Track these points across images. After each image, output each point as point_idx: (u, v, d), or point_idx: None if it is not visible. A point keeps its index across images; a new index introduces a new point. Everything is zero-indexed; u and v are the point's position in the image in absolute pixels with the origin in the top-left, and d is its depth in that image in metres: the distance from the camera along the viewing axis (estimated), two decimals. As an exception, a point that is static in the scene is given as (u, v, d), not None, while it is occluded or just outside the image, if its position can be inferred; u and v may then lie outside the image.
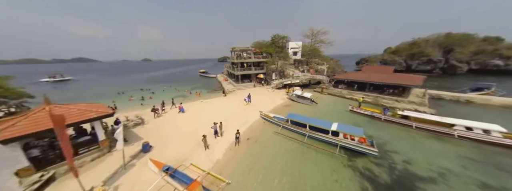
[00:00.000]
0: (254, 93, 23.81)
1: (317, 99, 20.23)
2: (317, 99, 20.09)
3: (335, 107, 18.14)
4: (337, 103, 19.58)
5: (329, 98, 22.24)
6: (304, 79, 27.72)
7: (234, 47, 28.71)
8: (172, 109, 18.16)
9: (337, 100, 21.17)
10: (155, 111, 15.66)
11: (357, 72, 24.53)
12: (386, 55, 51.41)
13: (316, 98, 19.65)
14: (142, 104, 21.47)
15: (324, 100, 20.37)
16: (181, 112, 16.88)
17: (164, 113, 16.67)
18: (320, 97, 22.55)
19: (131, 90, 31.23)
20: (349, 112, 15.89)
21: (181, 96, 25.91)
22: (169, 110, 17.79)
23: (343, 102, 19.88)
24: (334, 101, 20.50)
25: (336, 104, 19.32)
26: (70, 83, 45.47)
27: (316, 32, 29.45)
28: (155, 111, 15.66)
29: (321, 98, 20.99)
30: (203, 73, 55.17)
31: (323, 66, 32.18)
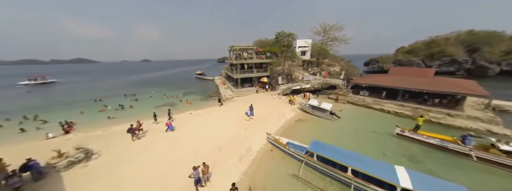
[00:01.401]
0: (257, 101, 19.35)
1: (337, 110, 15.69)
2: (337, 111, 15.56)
3: (367, 123, 13.57)
4: (365, 117, 15.03)
5: (350, 108, 17.70)
6: (315, 84, 23.23)
7: (232, 45, 24.32)
8: (158, 123, 13.72)
9: (363, 111, 16.62)
10: (133, 131, 11.16)
11: (384, 76, 20.03)
12: (400, 55, 46.91)
13: (340, 111, 15.09)
14: (110, 117, 16.68)
15: (347, 112, 15.86)
16: (169, 130, 12.49)
17: (143, 135, 12.09)
18: (336, 106, 18.05)
19: (112, 96, 26.80)
20: (397, 136, 10.95)
21: (168, 104, 21.42)
22: (153, 126, 13.35)
23: (371, 115, 15.39)
24: (360, 113, 15.95)
25: (364, 118, 14.77)
26: (51, 86, 41.12)
27: (328, 28, 25.08)
28: (133, 131, 11.16)
29: (339, 108, 16.39)
30: (199, 75, 50.76)
31: (336, 68, 27.72)
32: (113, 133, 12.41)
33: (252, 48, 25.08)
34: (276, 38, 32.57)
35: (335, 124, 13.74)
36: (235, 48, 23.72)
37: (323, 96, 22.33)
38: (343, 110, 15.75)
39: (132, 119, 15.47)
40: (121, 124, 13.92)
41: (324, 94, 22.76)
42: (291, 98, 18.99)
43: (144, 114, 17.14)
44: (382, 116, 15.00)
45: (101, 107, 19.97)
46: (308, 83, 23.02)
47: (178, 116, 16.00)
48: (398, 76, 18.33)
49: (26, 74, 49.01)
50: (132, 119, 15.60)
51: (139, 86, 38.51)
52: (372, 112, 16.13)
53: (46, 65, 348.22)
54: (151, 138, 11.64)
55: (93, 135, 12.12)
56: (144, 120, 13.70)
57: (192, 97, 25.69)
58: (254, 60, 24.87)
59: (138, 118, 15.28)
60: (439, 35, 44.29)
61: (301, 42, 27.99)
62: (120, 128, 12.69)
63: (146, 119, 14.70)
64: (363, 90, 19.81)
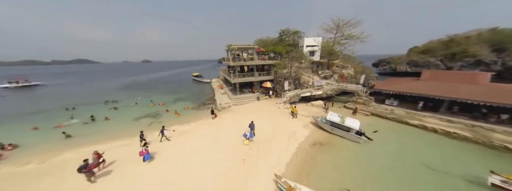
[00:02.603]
0: (259, 112, 15.69)
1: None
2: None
3: (414, 150, 9.79)
4: (404, 137, 11.24)
5: (376, 122, 13.92)
6: (329, 90, 19.50)
7: (230, 44, 20.70)
8: (146, 146, 10.10)
9: (395, 128, 12.81)
10: (88, 170, 7.36)
11: (414, 81, 16.28)
12: (414, 55, 43.07)
13: (375, 132, 11.31)
14: (70, 135, 12.75)
15: (375, 129, 12.12)
16: (146, 161, 8.87)
17: (105, 170, 8.38)
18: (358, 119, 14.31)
19: (90, 103, 23.19)
20: (491, 188, 6.74)
21: (151, 115, 17.76)
22: (131, 151, 9.70)
23: (411, 134, 11.62)
24: (395, 132, 12.14)
25: (404, 139, 10.97)
26: (31, 90, 37.69)
27: (342, 24, 21.38)
28: (88, 170, 7.36)
29: (360, 120, 12.58)
30: (196, 78, 47.17)
31: (349, 70, 23.95)
32: (56, 166, 8.76)
33: (253, 48, 21.44)
34: (280, 37, 28.99)
35: (368, 150, 9.98)
36: (233, 47, 20.10)
37: (338, 104, 18.58)
38: (369, 125, 12.00)
39: (100, 138, 11.88)
40: (78, 148, 10.33)
41: (338, 102, 19.01)
42: (293, 109, 15.09)
43: (119, 130, 13.54)
44: (428, 137, 11.20)
45: (66, 120, 16.15)
46: (320, 89, 19.29)
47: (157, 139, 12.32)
48: (436, 82, 14.55)
49: (6, 77, 45.54)
50: (99, 138, 12.02)
51: (128, 90, 34.94)
52: (409, 130, 12.34)
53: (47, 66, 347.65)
54: (116, 178, 7.92)
55: (24, 171, 8.46)
56: (118, 140, 10.12)
57: (183, 104, 22.04)
58: (256, 61, 21.22)
59: (109, 136, 11.69)
60: (458, 34, 40.39)
61: (309, 40, 24.28)
62: (72, 157, 9.10)
63: (121, 137, 11.12)
64: (389, 98, 16.04)
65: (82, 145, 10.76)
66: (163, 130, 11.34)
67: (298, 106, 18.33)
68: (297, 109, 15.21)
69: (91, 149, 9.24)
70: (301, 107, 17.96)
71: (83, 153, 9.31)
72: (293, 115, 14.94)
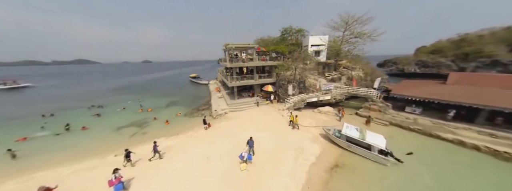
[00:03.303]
0: (260, 121, 13.55)
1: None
2: None
3: (460, 179, 7.62)
4: (441, 157, 9.04)
5: (398, 134, 11.74)
6: (338, 95, 17.32)
7: (227, 43, 18.57)
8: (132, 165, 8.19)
9: (426, 142, 10.62)
10: None
11: (439, 85, 14.10)
12: (422, 55, 40.82)
13: (409, 154, 9.12)
14: (15, 154, 10.15)
15: (398, 143, 9.95)
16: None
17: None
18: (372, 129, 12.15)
19: (72, 108, 21.05)
20: None
21: (137, 123, 15.62)
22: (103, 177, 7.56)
23: (445, 151, 9.44)
24: (427, 149, 9.93)
25: (443, 161, 8.77)
26: (18, 92, 35.74)
27: (352, 21, 19.25)
28: None
29: (375, 130, 10.34)
30: (193, 79, 45.06)
31: (358, 72, 21.77)
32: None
33: (253, 47, 19.31)
34: (282, 36, 26.87)
35: (399, 176, 7.80)
36: (230, 47, 17.97)
37: (348, 110, 16.40)
38: (388, 137, 9.80)
39: (64, 156, 9.80)
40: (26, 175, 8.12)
41: (347, 108, 16.84)
42: (293, 118, 12.65)
43: (93, 145, 11.45)
44: (470, 157, 8.99)
45: (35, 130, 13.81)
46: (328, 94, 17.12)
47: (140, 148, 10.15)
48: (468, 86, 12.36)
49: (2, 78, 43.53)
50: (64, 156, 9.93)
51: (120, 92, 32.84)
52: (443, 145, 10.13)
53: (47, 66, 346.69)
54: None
55: None
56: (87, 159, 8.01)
57: (175, 110, 19.92)
58: (256, 62, 19.07)
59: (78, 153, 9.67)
60: (469, 33, 38.19)
61: (314, 39, 22.13)
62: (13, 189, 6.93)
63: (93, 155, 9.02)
64: (410, 105, 13.85)
65: (35, 169, 8.58)
66: (156, 146, 9.19)
67: (303, 112, 16.23)
68: (298, 119, 12.70)
69: (45, 174, 7.14)
70: (306, 114, 15.83)
71: (30, 182, 7.17)
72: (294, 125, 12.59)
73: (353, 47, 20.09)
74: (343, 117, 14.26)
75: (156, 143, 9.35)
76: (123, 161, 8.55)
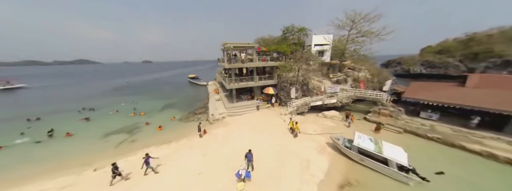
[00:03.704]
0: (260, 128, 12.34)
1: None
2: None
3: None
4: (470, 173, 7.77)
5: (414, 143, 10.50)
6: (344, 98, 16.07)
7: (225, 42, 17.39)
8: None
9: (449, 154, 9.35)
10: None
11: (457, 88, 12.80)
12: (428, 55, 39.50)
13: (439, 174, 7.84)
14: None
15: (414, 153, 8.70)
16: None
17: None
18: (383, 137, 10.92)
19: (62, 111, 19.91)
20: None
21: (127, 129, 14.44)
22: None
23: (476, 165, 8.18)
24: (452, 163, 8.67)
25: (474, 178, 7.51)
26: (9, 93, 34.68)
27: (359, 19, 18.02)
28: None
29: (395, 142, 9.09)
30: (192, 80, 43.91)
31: (364, 73, 20.50)
32: None
33: (253, 47, 18.10)
34: (284, 35, 25.65)
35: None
36: (229, 46, 16.78)
37: (355, 115, 15.10)
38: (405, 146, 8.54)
39: (36, 170, 8.73)
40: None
41: (355, 112, 15.56)
42: (293, 125, 11.43)
43: (74, 155, 10.35)
44: (504, 173, 7.75)
45: (13, 137, 12.57)
46: (333, 97, 15.88)
47: (124, 160, 8.97)
48: (493, 90, 11.07)
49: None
50: (36, 170, 8.82)
51: (115, 94, 31.73)
52: (469, 158, 8.88)
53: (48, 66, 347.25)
54: None
55: None
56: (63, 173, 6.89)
57: (170, 113, 18.75)
58: (256, 63, 17.86)
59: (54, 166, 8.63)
60: (477, 32, 36.83)
61: (318, 38, 20.91)
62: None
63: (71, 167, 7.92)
64: (425, 110, 12.59)
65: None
66: (148, 159, 7.98)
67: (307, 117, 15.00)
68: (299, 126, 11.37)
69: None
70: (310, 119, 14.61)
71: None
72: (294, 133, 11.32)
73: (360, 47, 18.83)
74: (352, 123, 12.99)
75: (148, 155, 8.11)
76: (111, 179, 7.25)
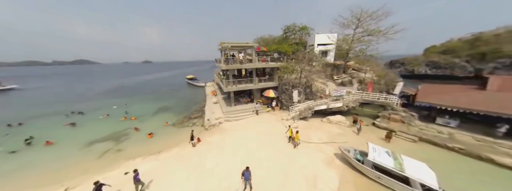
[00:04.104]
0: (259, 137, 11.16)
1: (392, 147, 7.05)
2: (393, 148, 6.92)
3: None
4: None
5: (433, 154, 9.34)
6: (351, 102, 14.89)
7: (222, 42, 16.24)
8: None
9: (474, 167, 8.19)
10: None
11: (476, 91, 11.64)
12: (433, 56, 38.41)
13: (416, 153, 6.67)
14: None
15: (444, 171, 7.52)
16: None
17: None
18: (395, 147, 9.76)
19: (49, 116, 18.67)
20: None
21: (115, 136, 13.23)
22: None
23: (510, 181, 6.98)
24: (477, 178, 7.50)
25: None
26: (6, 94, 33.62)
27: (365, 17, 16.89)
28: None
29: (409, 152, 7.88)
30: (190, 81, 42.72)
31: (370, 75, 19.36)
32: None
33: (252, 46, 16.95)
34: (284, 34, 24.51)
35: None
36: (226, 46, 15.62)
37: (364, 120, 13.94)
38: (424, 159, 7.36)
39: None
40: None
41: (362, 117, 14.38)
42: (292, 134, 10.19)
43: (50, 169, 9.21)
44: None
45: None
46: (339, 101, 14.72)
47: (103, 176, 7.78)
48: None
49: None
50: None
51: (109, 95, 30.50)
52: (501, 174, 7.71)
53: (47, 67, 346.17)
54: None
55: None
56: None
57: (164, 117, 17.57)
58: (255, 64, 16.69)
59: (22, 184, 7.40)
60: (484, 31, 35.75)
61: (322, 38, 19.77)
62: None
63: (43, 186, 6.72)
64: (443, 116, 11.43)
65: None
66: (137, 176, 6.84)
67: (310, 122, 13.84)
68: (299, 135, 9.90)
69: None
70: (315, 124, 13.44)
71: None
72: (294, 142, 10.04)
73: (366, 47, 17.67)
74: (361, 130, 11.80)
75: (137, 172, 6.91)
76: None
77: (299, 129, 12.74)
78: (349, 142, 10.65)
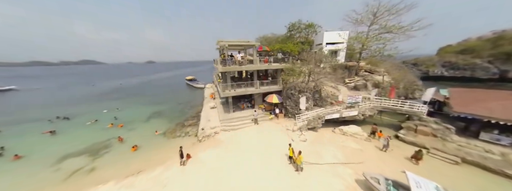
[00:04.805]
0: (260, 154, 9.20)
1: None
2: None
3: None
4: None
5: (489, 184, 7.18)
6: (368, 109, 12.71)
7: (220, 40, 14.36)
8: None
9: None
10: None
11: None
12: (449, 56, 35.56)
13: None
14: None
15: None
16: None
17: None
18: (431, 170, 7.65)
19: (33, 121, 17.19)
20: None
21: (93, 150, 11.48)
22: None
23: None
24: None
25: None
26: (2, 95, 32.89)
27: (383, 11, 14.69)
28: None
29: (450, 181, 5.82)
30: (189, 82, 41.15)
31: (384, 77, 17.11)
32: None
33: (253, 45, 15.00)
34: (289, 32, 22.46)
35: None
36: (223, 45, 13.72)
37: (384, 132, 11.77)
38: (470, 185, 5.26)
39: None
40: None
41: (380, 126, 12.21)
42: (293, 155, 8.14)
43: None
44: None
45: None
46: (354, 109, 12.59)
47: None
48: None
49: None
50: None
51: (103, 98, 29.13)
52: None
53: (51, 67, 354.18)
54: None
55: None
56: None
57: (156, 124, 15.86)
58: (257, 65, 14.70)
59: None
60: (506, 29, 32.73)
61: (331, 36, 17.65)
62: None
63: None
64: (491, 131, 9.19)
65: None
66: None
67: (320, 133, 11.81)
68: (301, 156, 7.48)
69: None
70: (326, 137, 11.39)
71: None
72: (297, 166, 7.85)
73: (383, 45, 15.47)
74: (389, 146, 9.63)
75: None
76: None
77: (308, 141, 10.78)
78: (371, 161, 8.62)
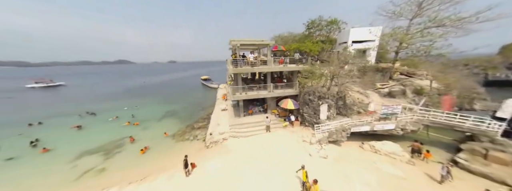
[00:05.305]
0: (272, 169, 7.82)
1: None
2: None
3: None
4: None
5: None
6: (410, 123, 10.18)
7: (232, 39, 13.48)
8: None
9: None
10: None
11: None
12: (516, 55, 28.11)
13: None
14: None
15: None
16: None
17: None
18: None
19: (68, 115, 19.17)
20: None
21: (108, 149, 11.81)
22: None
23: None
24: None
25: None
26: (48, 90, 39.45)
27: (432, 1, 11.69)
28: None
29: None
30: (204, 81, 42.04)
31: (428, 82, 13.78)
32: None
33: (267, 45, 13.70)
34: (308, 30, 20.44)
35: None
36: (235, 44, 12.79)
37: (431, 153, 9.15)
38: None
39: None
40: None
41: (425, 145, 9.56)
42: (307, 180, 6.40)
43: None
44: None
45: None
46: (390, 121, 10.22)
47: None
48: None
49: (32, 77, 49.71)
50: None
51: (126, 95, 31.64)
52: None
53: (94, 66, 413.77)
54: None
55: None
56: None
57: (166, 125, 15.93)
58: (271, 67, 13.35)
59: None
60: None
61: (359, 32, 15.18)
62: None
63: None
64: None
65: None
66: None
67: (344, 147, 9.95)
68: (317, 187, 5.78)
69: None
70: (353, 155, 9.46)
71: None
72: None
73: (431, 43, 12.42)
74: (448, 177, 7.02)
75: None
76: None
77: (330, 158, 9.02)
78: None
